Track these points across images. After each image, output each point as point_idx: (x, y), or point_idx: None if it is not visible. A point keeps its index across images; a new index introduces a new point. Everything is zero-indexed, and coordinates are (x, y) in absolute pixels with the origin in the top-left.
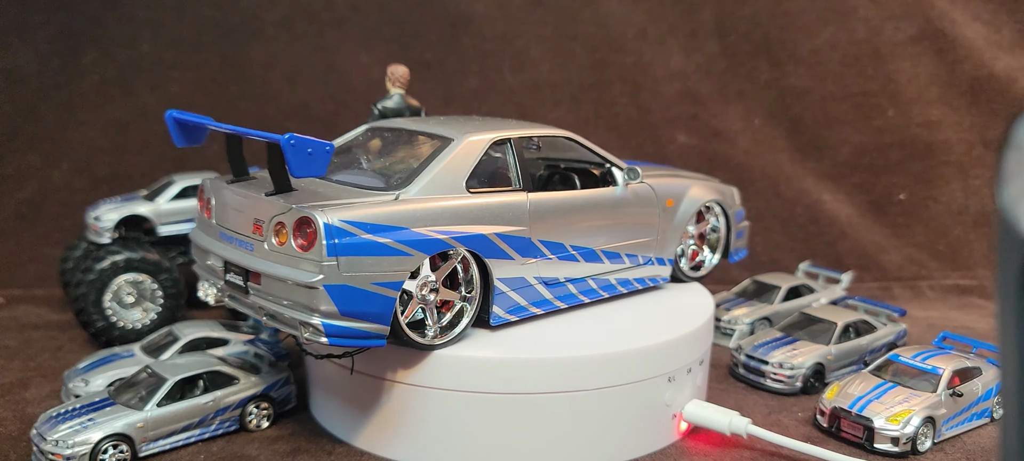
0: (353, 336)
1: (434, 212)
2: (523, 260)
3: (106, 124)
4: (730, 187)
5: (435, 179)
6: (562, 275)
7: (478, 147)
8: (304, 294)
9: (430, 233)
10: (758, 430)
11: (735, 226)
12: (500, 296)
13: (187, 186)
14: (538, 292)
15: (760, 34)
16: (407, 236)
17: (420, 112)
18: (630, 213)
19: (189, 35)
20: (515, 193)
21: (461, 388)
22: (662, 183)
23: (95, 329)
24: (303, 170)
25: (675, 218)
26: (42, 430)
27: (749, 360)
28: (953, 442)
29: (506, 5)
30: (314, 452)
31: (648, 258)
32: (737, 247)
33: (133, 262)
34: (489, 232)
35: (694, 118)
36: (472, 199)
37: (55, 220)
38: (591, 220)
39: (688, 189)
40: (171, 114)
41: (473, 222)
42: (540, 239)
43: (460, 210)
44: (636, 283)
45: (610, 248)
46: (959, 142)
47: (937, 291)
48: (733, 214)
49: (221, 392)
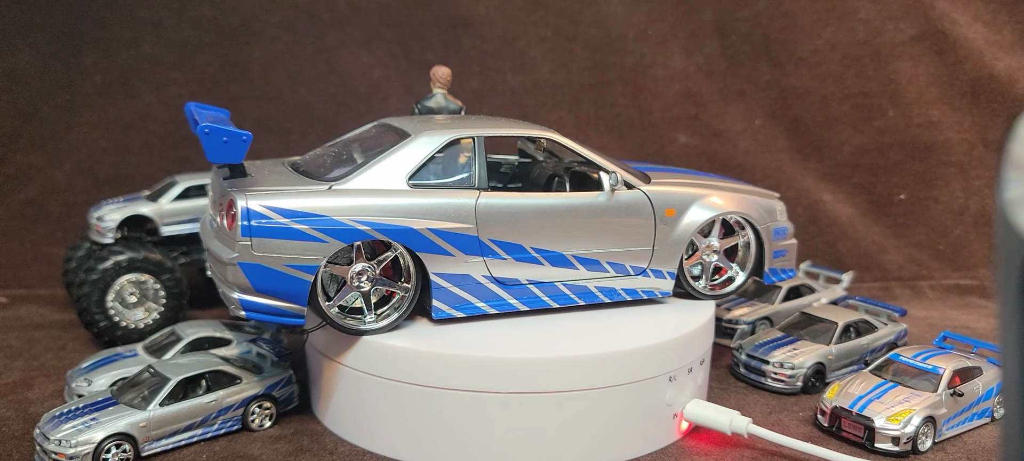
0: (268, 313)
1: (360, 205)
2: (467, 258)
3: (108, 125)
4: (770, 201)
5: (376, 173)
6: (524, 277)
7: (430, 145)
8: (228, 271)
9: (351, 223)
10: (759, 430)
11: (772, 244)
12: (440, 291)
13: (190, 186)
14: (492, 291)
15: (760, 35)
16: (325, 224)
17: (460, 111)
18: (614, 220)
19: (191, 36)
20: (464, 191)
21: (463, 387)
22: (664, 191)
23: (98, 329)
24: (219, 157)
25: (677, 229)
26: (45, 429)
27: (750, 360)
28: (954, 442)
29: (507, 6)
30: (316, 451)
31: (641, 269)
32: (777, 266)
33: (136, 262)
34: (421, 227)
35: (695, 119)
36: (409, 195)
37: (58, 220)
38: (558, 224)
39: (698, 199)
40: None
41: (404, 216)
42: (491, 239)
43: (391, 204)
44: (625, 294)
45: (586, 255)
46: (959, 142)
47: (937, 291)
48: (767, 230)
49: (223, 392)
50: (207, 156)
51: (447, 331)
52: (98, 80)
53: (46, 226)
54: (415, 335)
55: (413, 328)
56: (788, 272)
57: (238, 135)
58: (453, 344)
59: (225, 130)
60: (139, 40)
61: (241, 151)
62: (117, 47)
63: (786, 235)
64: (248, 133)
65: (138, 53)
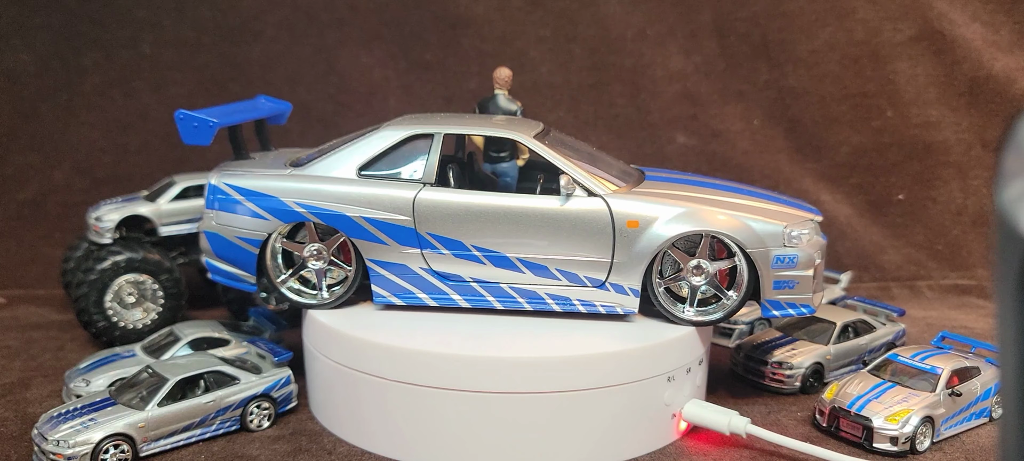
0: (226, 277)
1: (303, 189)
2: (403, 248)
3: (107, 125)
4: (780, 224)
5: (332, 161)
6: (467, 274)
7: (388, 139)
8: (199, 237)
9: (292, 205)
10: (757, 430)
11: (771, 272)
12: (378, 277)
13: (188, 186)
14: (433, 284)
15: (759, 35)
16: (270, 204)
17: (516, 112)
18: (565, 227)
19: (189, 36)
20: (407, 185)
21: (462, 387)
22: (631, 200)
23: (96, 329)
24: (191, 139)
25: (638, 243)
26: (43, 430)
27: (748, 360)
28: (952, 442)
29: (506, 6)
30: (315, 452)
31: (598, 282)
32: (781, 299)
33: (134, 262)
34: (355, 215)
35: (693, 119)
36: (353, 183)
37: (56, 220)
38: (500, 225)
39: (671, 213)
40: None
41: (340, 203)
42: (429, 233)
43: (331, 190)
44: (581, 306)
45: (532, 259)
46: (958, 142)
47: (936, 291)
48: (764, 256)
49: (222, 392)
50: (182, 139)
51: (445, 331)
52: (97, 80)
53: (44, 226)
54: (413, 335)
55: (412, 328)
56: (801, 308)
57: (205, 120)
58: (451, 344)
59: (195, 116)
60: (138, 40)
61: (208, 135)
62: (116, 47)
63: (796, 264)
64: (215, 120)
65: (137, 53)
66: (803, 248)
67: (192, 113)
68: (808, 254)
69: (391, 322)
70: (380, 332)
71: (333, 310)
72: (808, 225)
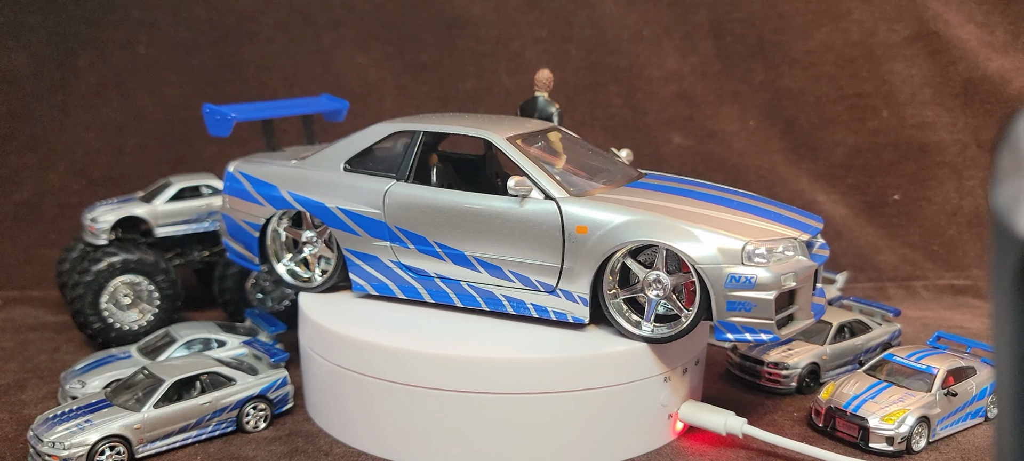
0: (238, 256)
1: (295, 178)
2: (373, 240)
3: (102, 126)
4: (737, 239)
5: (328, 155)
6: (432, 270)
7: (373, 135)
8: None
9: (283, 194)
10: (754, 430)
11: (724, 292)
12: (353, 266)
13: (184, 188)
14: (402, 277)
15: (755, 36)
16: (267, 192)
17: (552, 115)
18: (517, 229)
19: (185, 37)
20: (381, 179)
21: (458, 388)
22: (586, 205)
23: (92, 330)
24: (215, 131)
25: (585, 250)
26: (39, 432)
27: (744, 360)
28: (948, 441)
29: (502, 7)
30: (311, 453)
31: (549, 287)
32: (736, 321)
33: (130, 264)
34: (331, 205)
35: (689, 119)
36: (337, 175)
37: (52, 221)
38: (458, 222)
39: (622, 221)
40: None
41: (321, 193)
42: (398, 226)
43: (316, 180)
44: (534, 310)
45: (488, 259)
46: (953, 143)
47: (931, 291)
48: (716, 274)
49: (218, 393)
50: (208, 130)
51: (442, 332)
52: (92, 81)
53: (40, 227)
54: (410, 337)
55: (408, 329)
56: (761, 334)
57: (225, 114)
58: (449, 345)
59: (218, 110)
60: (133, 41)
61: (226, 128)
62: (111, 48)
63: (754, 285)
64: (233, 114)
65: (132, 54)
66: (768, 268)
67: (216, 107)
68: (772, 276)
69: (388, 323)
70: (377, 333)
71: (329, 311)
72: (783, 243)
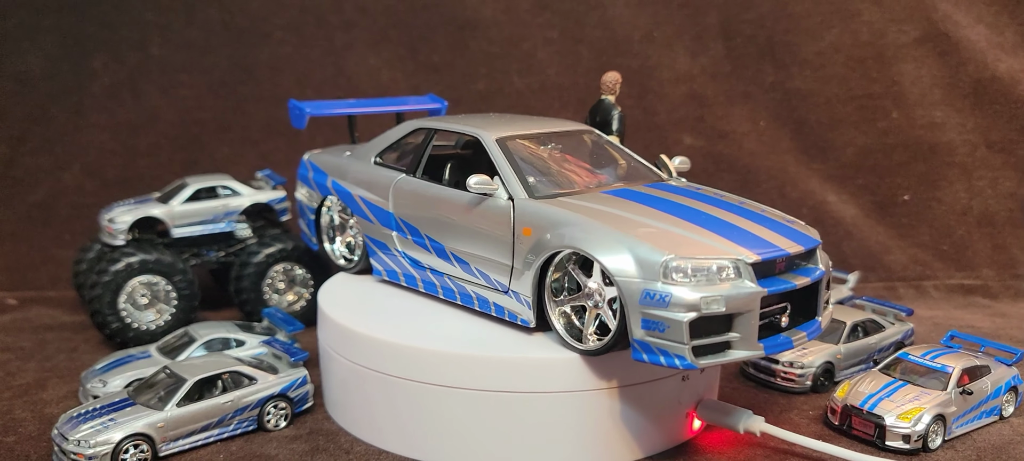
0: (305, 237)
1: (339, 168)
2: (382, 229)
3: (116, 127)
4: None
5: (368, 148)
6: (425, 261)
7: (401, 131)
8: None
9: (327, 182)
10: (772, 428)
11: (639, 308)
12: (372, 252)
13: (200, 188)
14: (405, 267)
15: (765, 37)
16: (319, 179)
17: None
18: (475, 225)
19: (198, 38)
20: (394, 173)
21: (478, 387)
22: (540, 206)
23: (110, 330)
24: (296, 123)
25: (527, 252)
26: (63, 430)
27: (759, 359)
28: (963, 439)
29: (513, 8)
30: (332, 451)
31: (503, 286)
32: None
33: (148, 264)
34: (355, 193)
35: (700, 120)
36: (367, 167)
37: (66, 222)
38: (436, 215)
39: (567, 224)
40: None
41: (351, 183)
42: (401, 217)
43: (351, 171)
44: (495, 309)
45: (459, 253)
46: (963, 144)
47: (941, 291)
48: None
49: (240, 392)
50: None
51: (462, 331)
52: (106, 82)
53: (54, 228)
54: (430, 335)
55: (428, 328)
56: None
57: (301, 109)
58: (468, 344)
59: (297, 105)
60: (147, 42)
61: (301, 120)
62: (125, 49)
63: (668, 304)
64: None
65: (146, 55)
66: (689, 287)
67: (297, 103)
68: (690, 298)
69: (408, 322)
70: (396, 332)
71: (350, 311)
72: (720, 262)
